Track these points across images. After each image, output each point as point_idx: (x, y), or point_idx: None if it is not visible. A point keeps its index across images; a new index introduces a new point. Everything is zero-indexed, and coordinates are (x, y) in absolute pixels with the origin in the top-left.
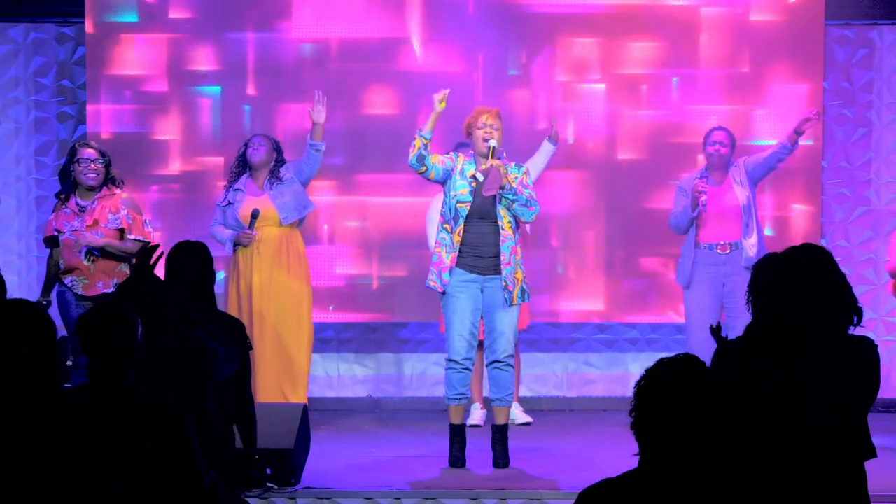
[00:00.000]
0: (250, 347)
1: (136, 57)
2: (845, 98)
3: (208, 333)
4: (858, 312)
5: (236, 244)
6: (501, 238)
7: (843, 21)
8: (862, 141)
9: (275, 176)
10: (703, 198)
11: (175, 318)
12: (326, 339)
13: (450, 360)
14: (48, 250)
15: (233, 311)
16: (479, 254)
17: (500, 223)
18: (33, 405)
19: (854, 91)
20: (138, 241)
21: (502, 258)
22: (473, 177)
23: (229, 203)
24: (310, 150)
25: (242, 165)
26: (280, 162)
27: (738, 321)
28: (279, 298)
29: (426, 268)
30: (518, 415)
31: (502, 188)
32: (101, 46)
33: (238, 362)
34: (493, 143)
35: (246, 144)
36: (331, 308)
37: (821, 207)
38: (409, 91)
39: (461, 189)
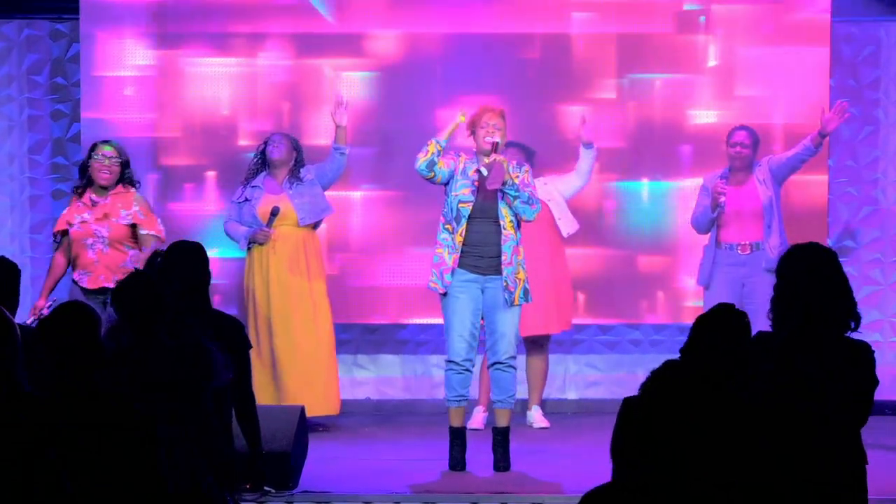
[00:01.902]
0: (249, 346)
1: (131, 54)
2: (851, 96)
3: (206, 337)
4: (857, 317)
5: (252, 242)
6: (503, 237)
7: (849, 18)
8: (868, 139)
9: (295, 176)
10: (722, 199)
11: (171, 318)
12: None
13: (449, 362)
14: (41, 249)
15: (248, 310)
16: (480, 253)
17: (501, 222)
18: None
19: (860, 89)
20: (153, 235)
21: (503, 258)
22: (478, 171)
23: (246, 199)
24: (334, 153)
25: (261, 162)
26: (300, 162)
27: (756, 323)
28: (295, 300)
29: (427, 267)
30: (536, 418)
31: (505, 183)
32: (96, 43)
33: (233, 370)
34: (497, 138)
35: (265, 142)
36: None
37: (826, 207)
38: (405, 86)
39: (463, 189)
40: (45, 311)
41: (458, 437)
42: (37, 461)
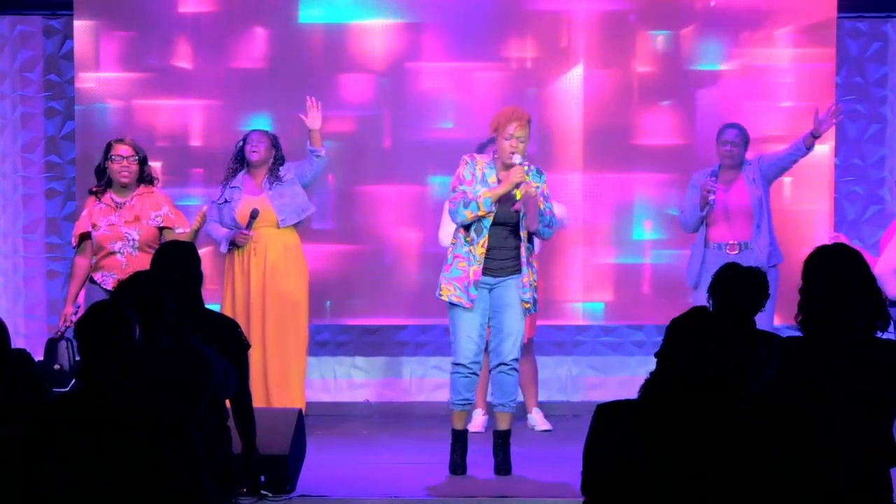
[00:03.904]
0: (248, 346)
1: (125, 52)
2: (858, 93)
3: (203, 342)
4: (886, 317)
5: (232, 244)
6: (519, 243)
7: (856, 14)
8: (875, 137)
9: (274, 175)
10: (712, 197)
11: (170, 319)
12: (323, 342)
13: (457, 364)
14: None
15: (226, 312)
16: (493, 256)
17: (522, 234)
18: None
19: (867, 86)
20: (186, 232)
21: (519, 262)
22: (498, 179)
23: (226, 201)
24: (310, 156)
25: (240, 162)
26: (279, 160)
27: None
28: (275, 301)
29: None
30: (538, 421)
31: (541, 214)
32: (90, 40)
33: (235, 376)
34: (518, 159)
35: (243, 140)
36: (328, 304)
37: (832, 206)
38: (403, 84)
39: None
40: (74, 318)
41: (459, 440)
42: (36, 461)
